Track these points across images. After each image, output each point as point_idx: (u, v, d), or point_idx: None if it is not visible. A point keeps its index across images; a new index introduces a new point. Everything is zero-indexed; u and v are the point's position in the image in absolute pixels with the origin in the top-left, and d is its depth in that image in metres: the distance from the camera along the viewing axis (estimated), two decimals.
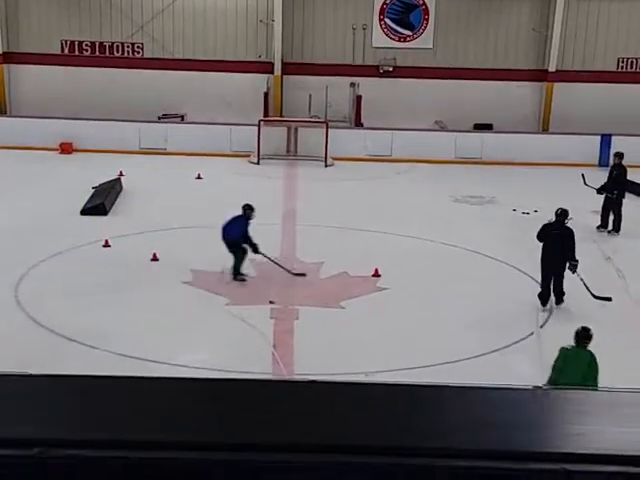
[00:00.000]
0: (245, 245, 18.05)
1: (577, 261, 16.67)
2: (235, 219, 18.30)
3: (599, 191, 23.01)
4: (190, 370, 13.19)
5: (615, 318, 16.57)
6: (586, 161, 31.32)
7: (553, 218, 17.04)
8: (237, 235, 18.00)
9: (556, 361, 11.23)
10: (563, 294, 16.97)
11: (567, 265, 16.68)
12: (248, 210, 18.33)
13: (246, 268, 18.35)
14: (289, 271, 18.50)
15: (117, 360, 13.81)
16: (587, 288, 16.76)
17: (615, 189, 22.72)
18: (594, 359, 11.06)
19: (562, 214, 16.87)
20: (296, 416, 2.38)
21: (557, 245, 16.62)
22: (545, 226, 17.09)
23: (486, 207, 25.89)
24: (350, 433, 2.25)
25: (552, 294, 16.95)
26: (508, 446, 2.17)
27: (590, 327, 11.51)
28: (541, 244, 16.91)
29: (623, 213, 22.78)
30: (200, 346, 14.87)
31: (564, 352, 11.26)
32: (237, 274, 18.08)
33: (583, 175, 24.16)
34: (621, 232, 22.72)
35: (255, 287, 17.89)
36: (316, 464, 2.16)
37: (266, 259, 18.34)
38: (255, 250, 18.13)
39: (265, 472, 2.18)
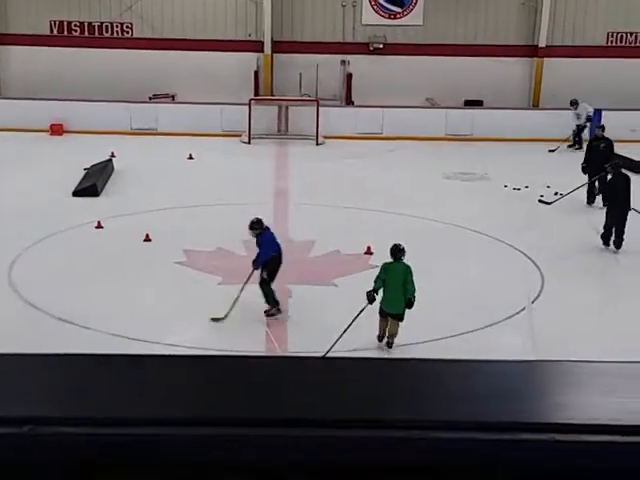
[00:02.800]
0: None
1: None
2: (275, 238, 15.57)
3: (583, 170, 22.90)
4: (183, 349, 13.23)
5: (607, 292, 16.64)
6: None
7: None
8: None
9: (379, 274, 13.62)
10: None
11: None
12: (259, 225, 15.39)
13: (239, 247, 18.37)
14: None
15: (109, 340, 13.83)
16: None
17: (605, 162, 22.18)
18: (409, 268, 13.51)
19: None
20: (283, 391, 2.39)
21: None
22: None
23: (477, 183, 25.92)
24: (334, 407, 2.26)
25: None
26: (496, 417, 2.18)
27: (401, 243, 13.85)
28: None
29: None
30: (193, 325, 14.90)
31: (384, 266, 13.70)
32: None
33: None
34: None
35: (247, 266, 17.89)
36: (301, 438, 2.17)
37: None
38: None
39: (255, 447, 2.19)
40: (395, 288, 13.47)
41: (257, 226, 15.27)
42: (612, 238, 19.06)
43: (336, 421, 2.17)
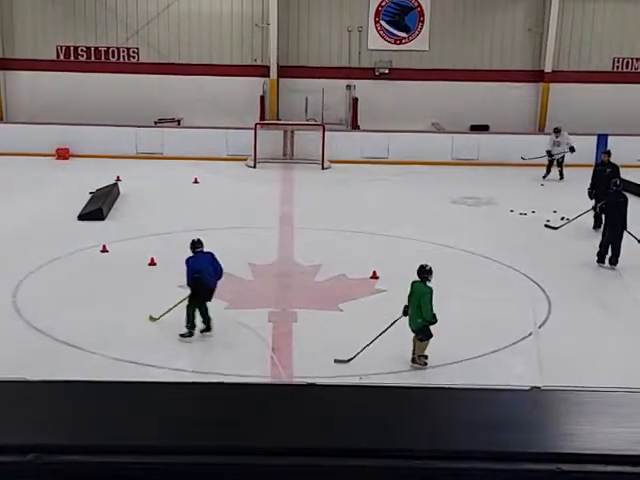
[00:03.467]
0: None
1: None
2: (205, 259, 15.38)
3: (589, 195, 22.83)
4: (188, 374, 13.19)
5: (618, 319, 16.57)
6: (582, 161, 31.31)
7: None
8: (216, 279, 15.41)
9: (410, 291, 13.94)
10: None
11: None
12: (199, 245, 15.54)
13: (245, 272, 18.36)
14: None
15: (115, 365, 13.79)
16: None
17: (610, 188, 22.37)
18: (427, 290, 13.64)
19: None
20: (293, 419, 2.37)
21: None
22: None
23: (483, 208, 25.90)
24: (345, 436, 2.25)
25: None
26: (502, 447, 2.17)
27: (428, 264, 13.95)
28: None
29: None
30: (199, 350, 14.85)
31: (411, 283, 13.97)
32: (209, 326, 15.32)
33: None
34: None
35: (253, 290, 17.88)
36: (312, 467, 2.15)
37: None
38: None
39: (263, 476, 2.18)
40: (413, 306, 13.84)
41: (192, 247, 15.45)
42: (608, 255, 19.64)
43: (335, 450, 2.15)
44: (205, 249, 15.47)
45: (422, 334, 13.86)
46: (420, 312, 13.69)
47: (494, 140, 33.38)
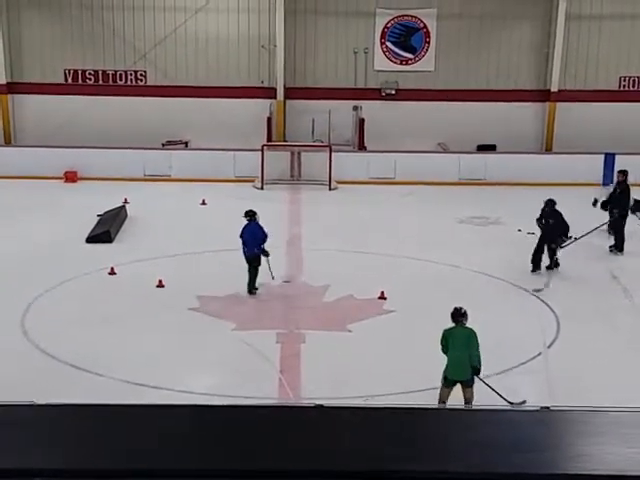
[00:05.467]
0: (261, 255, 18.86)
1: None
2: (249, 230, 18.98)
3: (602, 207, 22.91)
4: (196, 396, 13.17)
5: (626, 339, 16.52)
6: (590, 180, 31.37)
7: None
8: (259, 248, 18.77)
9: (440, 340, 12.97)
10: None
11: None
12: (253, 215, 19.19)
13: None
14: (273, 276, 19.32)
15: (123, 387, 13.79)
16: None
17: (616, 208, 22.57)
18: (472, 332, 12.85)
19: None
20: (301, 441, 2.37)
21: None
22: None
23: (491, 228, 25.88)
24: (350, 457, 2.24)
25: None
26: (511, 468, 2.16)
27: (462, 306, 13.19)
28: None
29: (626, 231, 22.68)
30: (207, 372, 14.85)
31: (444, 333, 12.99)
32: (254, 289, 18.80)
33: (595, 199, 23.64)
34: (629, 251, 22.59)
35: (261, 311, 17.87)
36: None
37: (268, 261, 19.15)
38: (265, 253, 18.96)
39: None
40: (459, 354, 12.73)
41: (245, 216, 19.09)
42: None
43: (340, 473, 2.14)
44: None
45: (472, 380, 12.79)
46: (470, 358, 12.63)
47: (501, 160, 33.36)
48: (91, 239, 23.23)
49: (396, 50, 35.76)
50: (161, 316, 17.40)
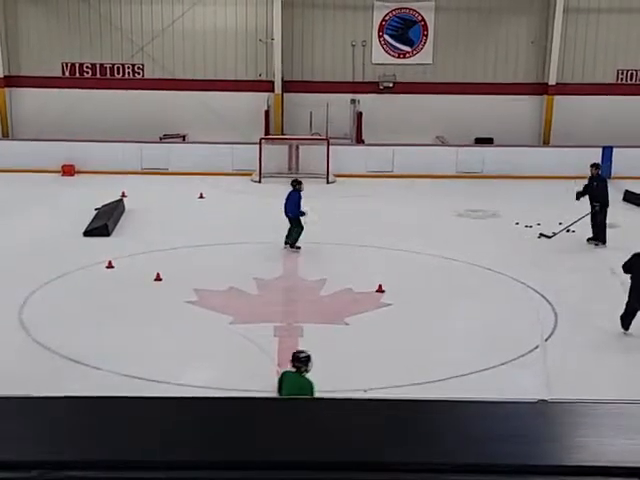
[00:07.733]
0: (302, 217, 21.43)
1: None
2: (291, 196, 21.64)
3: (577, 198, 22.95)
4: (194, 389, 13.18)
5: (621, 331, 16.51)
6: (588, 173, 31.29)
7: None
8: (297, 210, 21.41)
9: (278, 381, 11.24)
10: None
11: None
12: (298, 185, 21.88)
13: (250, 286, 18.38)
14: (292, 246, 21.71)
15: (120, 381, 13.79)
16: None
17: (596, 201, 22.57)
18: (309, 386, 10.82)
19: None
20: (297, 433, 2.36)
21: None
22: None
23: (488, 221, 25.89)
24: (349, 450, 2.24)
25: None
26: (508, 460, 2.15)
27: (305, 350, 11.43)
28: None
29: (608, 223, 22.69)
30: (204, 365, 14.84)
31: (283, 375, 11.27)
32: (295, 245, 21.50)
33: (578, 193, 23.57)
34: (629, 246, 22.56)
35: (259, 305, 17.87)
36: None
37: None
38: (302, 213, 21.51)
39: None
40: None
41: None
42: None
43: (338, 464, 2.14)
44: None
45: None
46: None
47: (498, 153, 33.37)
48: (89, 232, 23.22)
49: (394, 43, 35.73)
50: (159, 309, 17.40)
